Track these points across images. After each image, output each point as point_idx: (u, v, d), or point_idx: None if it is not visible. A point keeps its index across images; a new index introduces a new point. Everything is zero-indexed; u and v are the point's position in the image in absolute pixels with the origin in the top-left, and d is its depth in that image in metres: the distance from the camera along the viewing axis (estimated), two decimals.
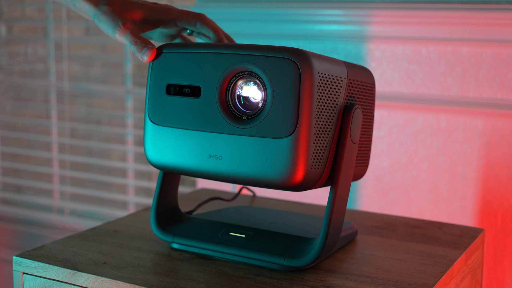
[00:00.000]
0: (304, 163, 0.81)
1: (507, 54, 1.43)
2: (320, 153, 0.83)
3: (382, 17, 1.51)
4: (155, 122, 0.89)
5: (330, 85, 0.84)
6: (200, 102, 0.86)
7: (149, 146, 0.90)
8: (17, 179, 2.30)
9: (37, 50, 2.31)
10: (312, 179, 0.82)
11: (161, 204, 0.96)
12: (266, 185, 0.83)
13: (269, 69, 0.82)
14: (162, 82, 0.89)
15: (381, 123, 1.56)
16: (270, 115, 0.82)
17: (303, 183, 0.81)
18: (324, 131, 0.83)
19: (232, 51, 0.85)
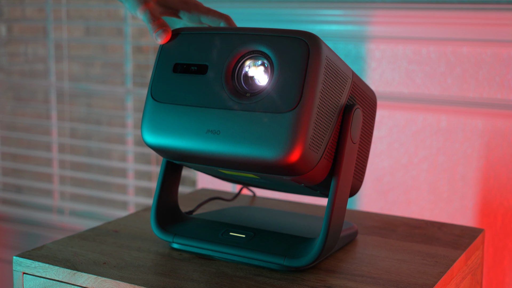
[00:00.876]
0: (303, 140, 0.79)
1: (507, 54, 1.43)
2: (319, 136, 0.81)
3: (382, 17, 1.51)
4: (157, 99, 0.88)
5: (335, 76, 0.84)
6: (205, 79, 0.85)
7: (147, 124, 0.88)
8: (17, 179, 2.30)
9: (37, 50, 2.31)
10: (309, 162, 0.80)
11: (161, 204, 0.96)
12: (262, 164, 0.80)
13: (279, 48, 0.82)
14: (170, 61, 0.89)
15: (381, 123, 1.56)
16: (273, 92, 0.81)
17: (299, 162, 0.79)
18: (325, 116, 0.82)
19: (242, 32, 0.85)
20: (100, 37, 2.20)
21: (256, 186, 1.02)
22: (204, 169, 0.92)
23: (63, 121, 2.20)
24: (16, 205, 2.29)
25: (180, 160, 0.88)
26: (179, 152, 0.86)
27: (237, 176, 0.91)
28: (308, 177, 0.83)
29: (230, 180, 1.00)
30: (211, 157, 0.83)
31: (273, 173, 0.82)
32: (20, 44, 2.35)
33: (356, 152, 0.89)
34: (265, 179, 0.88)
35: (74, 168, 2.24)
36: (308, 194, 0.97)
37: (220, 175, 0.94)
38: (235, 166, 0.83)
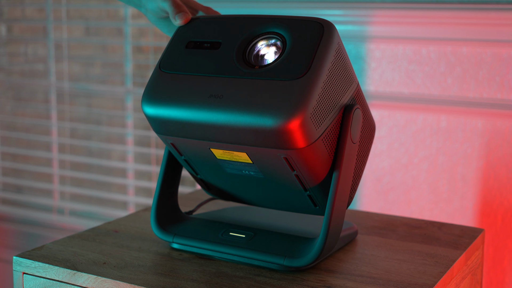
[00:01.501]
0: (305, 108, 0.78)
1: (507, 54, 1.43)
2: (321, 113, 0.81)
3: (382, 17, 1.51)
4: (163, 70, 0.88)
5: (343, 67, 0.85)
6: (217, 53, 0.86)
7: (148, 92, 0.86)
8: (17, 179, 2.30)
9: (37, 50, 2.31)
10: (308, 134, 0.79)
11: (161, 204, 0.96)
12: (261, 132, 0.79)
13: (293, 29, 0.84)
14: (184, 39, 0.90)
15: (381, 123, 1.56)
16: (282, 64, 0.82)
17: (298, 131, 0.78)
18: (329, 97, 0.82)
19: (259, 16, 0.88)
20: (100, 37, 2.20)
21: (250, 203, 1.00)
22: (195, 155, 0.90)
23: (63, 121, 2.20)
24: (16, 205, 2.29)
25: (175, 132, 0.86)
26: (177, 120, 0.84)
27: (227, 168, 0.89)
28: (306, 146, 0.81)
29: (218, 194, 1.00)
30: (209, 125, 0.82)
31: (271, 144, 0.80)
32: (20, 44, 2.35)
33: (356, 152, 0.89)
34: (259, 174, 0.87)
35: (74, 168, 2.24)
36: (306, 209, 0.94)
37: (208, 167, 0.92)
38: (233, 136, 0.81)
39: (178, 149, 0.91)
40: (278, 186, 0.90)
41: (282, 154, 0.81)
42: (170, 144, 0.90)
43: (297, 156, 0.81)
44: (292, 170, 0.84)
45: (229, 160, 0.87)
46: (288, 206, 0.95)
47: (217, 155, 0.87)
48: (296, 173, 0.84)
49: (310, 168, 0.83)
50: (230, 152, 0.85)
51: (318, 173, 0.85)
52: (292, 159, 0.82)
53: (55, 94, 2.19)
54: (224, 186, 0.95)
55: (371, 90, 1.56)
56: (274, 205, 0.96)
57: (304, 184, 0.87)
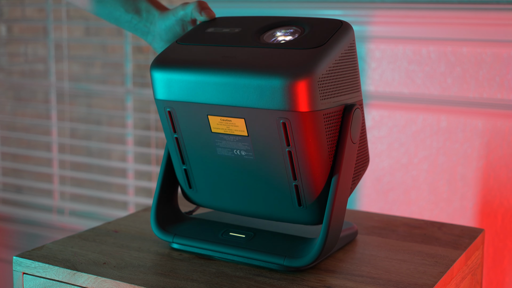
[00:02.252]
0: (314, 71, 0.80)
1: (507, 54, 1.43)
2: (327, 88, 0.83)
3: (382, 17, 1.51)
4: (180, 42, 0.91)
5: (352, 69, 0.88)
6: (235, 33, 0.89)
7: (160, 56, 0.89)
8: (17, 179, 2.30)
9: (37, 50, 2.31)
10: (312, 100, 0.80)
11: (161, 204, 0.96)
12: (269, 88, 0.80)
13: (313, 23, 0.88)
14: (204, 28, 0.94)
15: (381, 123, 1.56)
16: (298, 40, 0.85)
17: (304, 92, 0.79)
18: (336, 79, 0.84)
19: (286, 16, 0.92)
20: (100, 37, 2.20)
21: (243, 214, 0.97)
22: (189, 129, 0.89)
23: (63, 121, 2.20)
24: (16, 205, 2.29)
25: (179, 94, 0.86)
26: (185, 78, 0.85)
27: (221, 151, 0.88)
28: (311, 110, 0.81)
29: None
30: (217, 83, 0.83)
31: (274, 105, 0.80)
32: (20, 44, 2.35)
33: (356, 152, 0.89)
34: (250, 155, 0.86)
35: (74, 168, 2.24)
36: (287, 210, 0.90)
37: (199, 146, 0.90)
38: (237, 96, 0.82)
39: (173, 121, 0.89)
40: (266, 174, 0.87)
41: (282, 118, 0.81)
42: (168, 113, 0.89)
43: (296, 122, 0.81)
44: (287, 144, 0.83)
45: (223, 134, 0.86)
46: (270, 207, 0.91)
47: (213, 125, 0.86)
48: (289, 149, 0.83)
49: (304, 145, 0.82)
50: (227, 120, 0.85)
51: (312, 156, 0.83)
52: (291, 126, 0.81)
53: (55, 94, 2.19)
54: (209, 177, 0.92)
55: (371, 90, 1.56)
56: (256, 206, 0.92)
57: (295, 167, 0.84)
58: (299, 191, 0.86)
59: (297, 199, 0.87)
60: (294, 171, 0.85)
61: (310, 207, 0.86)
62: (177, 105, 0.87)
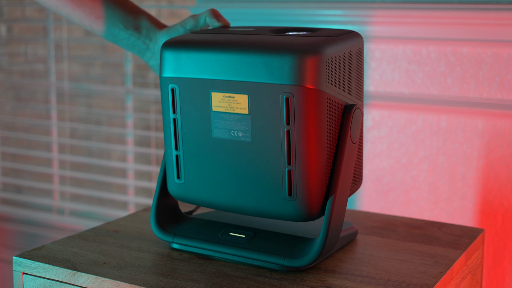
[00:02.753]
0: (324, 51, 0.82)
1: (507, 54, 1.43)
2: (334, 72, 0.85)
3: (382, 17, 1.51)
4: (193, 32, 0.94)
5: (357, 75, 0.91)
6: (249, 31, 0.92)
7: (172, 39, 0.91)
8: (17, 179, 2.30)
9: (37, 50, 2.32)
10: (318, 77, 0.82)
11: (161, 204, 0.96)
12: (278, 62, 0.82)
13: (327, 29, 0.92)
14: (218, 29, 0.96)
15: (381, 123, 1.56)
16: (308, 34, 0.88)
17: (312, 68, 0.81)
18: (343, 71, 0.87)
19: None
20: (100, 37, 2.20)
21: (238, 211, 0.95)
22: (189, 108, 0.89)
23: (63, 121, 2.20)
24: (16, 205, 2.29)
25: (186, 70, 0.88)
26: (195, 53, 0.87)
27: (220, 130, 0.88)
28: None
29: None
30: (225, 57, 0.85)
31: (281, 78, 0.82)
32: (20, 44, 2.35)
33: (356, 152, 0.89)
34: (247, 136, 0.86)
35: (74, 168, 2.24)
36: (276, 200, 0.88)
37: (195, 129, 0.90)
38: (244, 70, 0.84)
39: (175, 100, 0.90)
40: (260, 158, 0.86)
41: (286, 93, 0.82)
42: (171, 91, 0.90)
43: (300, 98, 0.82)
44: (287, 122, 0.83)
45: (223, 113, 0.87)
46: (258, 198, 0.88)
47: (215, 103, 0.87)
48: (289, 128, 0.83)
49: (304, 125, 0.82)
50: (230, 97, 0.86)
51: (309, 137, 0.83)
52: (294, 103, 0.82)
53: (55, 94, 2.19)
54: (200, 164, 0.91)
55: (371, 90, 1.56)
56: (243, 198, 0.89)
57: (292, 149, 0.84)
58: (291, 178, 0.85)
59: (288, 187, 0.85)
60: (289, 153, 0.84)
61: (300, 199, 0.85)
62: (182, 81, 0.88)
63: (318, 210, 0.86)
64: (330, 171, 0.86)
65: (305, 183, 0.84)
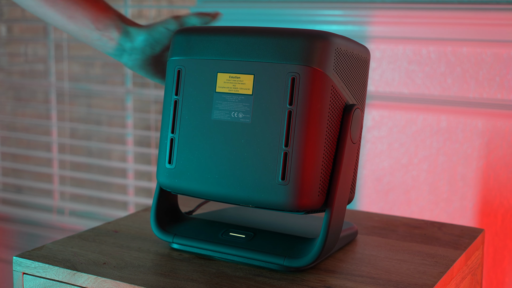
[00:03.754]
0: (333, 39, 0.84)
1: (507, 54, 1.43)
2: (342, 62, 0.86)
3: (382, 17, 1.51)
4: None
5: (362, 81, 0.92)
6: None
7: (185, 27, 0.93)
8: (17, 179, 2.30)
9: (37, 50, 2.32)
10: (325, 60, 0.83)
11: (161, 204, 0.96)
12: (288, 44, 0.84)
13: None
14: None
15: (381, 123, 1.56)
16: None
17: (320, 50, 0.83)
18: (350, 65, 0.88)
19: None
20: None
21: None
22: (193, 89, 0.89)
23: (63, 121, 2.20)
24: (16, 205, 2.29)
25: (196, 51, 0.89)
26: (202, 37, 0.89)
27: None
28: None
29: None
30: (235, 38, 0.87)
31: (289, 58, 0.83)
32: (20, 44, 2.35)
33: (356, 152, 0.89)
34: (247, 117, 0.85)
35: (74, 168, 2.24)
36: (268, 184, 0.85)
37: (195, 111, 0.89)
38: (253, 51, 0.86)
39: (179, 82, 0.90)
40: (258, 139, 0.85)
41: (293, 73, 0.83)
42: (177, 72, 0.90)
43: (306, 79, 0.82)
44: (290, 103, 0.83)
45: (226, 94, 0.87)
46: (249, 183, 0.86)
47: (220, 84, 0.87)
48: (291, 108, 0.83)
49: (306, 106, 0.83)
50: (235, 77, 0.86)
51: (310, 119, 0.83)
52: (299, 83, 0.83)
53: (55, 94, 2.19)
54: (195, 147, 0.89)
55: (371, 90, 1.56)
56: (233, 184, 0.87)
57: (291, 130, 0.83)
58: (286, 161, 0.83)
59: (282, 171, 0.83)
60: (288, 135, 0.83)
61: (292, 184, 0.83)
62: (189, 63, 0.89)
63: (310, 200, 0.84)
64: (326, 160, 0.84)
65: (299, 167, 0.83)
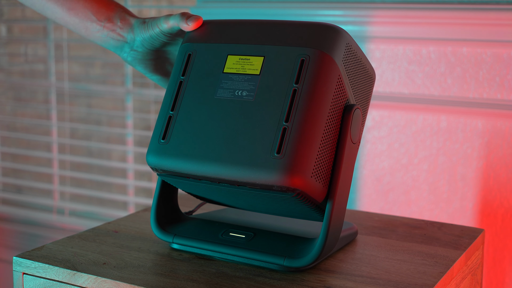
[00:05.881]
0: (344, 37, 0.86)
1: (507, 54, 1.43)
2: (349, 62, 0.88)
3: (382, 17, 1.51)
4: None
5: (365, 85, 0.92)
6: None
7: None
8: (17, 179, 2.30)
9: (37, 50, 2.32)
10: (335, 47, 0.85)
11: (161, 204, 0.96)
12: (302, 30, 0.86)
13: None
14: None
15: (381, 123, 1.56)
16: None
17: (333, 40, 0.85)
18: (354, 69, 0.89)
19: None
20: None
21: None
22: (201, 69, 0.89)
23: (63, 122, 2.20)
24: (16, 205, 2.29)
25: (208, 37, 0.90)
26: (217, 25, 0.91)
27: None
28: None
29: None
30: (246, 26, 0.89)
31: (301, 43, 0.85)
32: (20, 44, 2.35)
33: (356, 152, 0.89)
34: (250, 96, 0.85)
35: (74, 168, 2.24)
36: (265, 158, 0.83)
37: (199, 89, 0.88)
38: (267, 36, 0.88)
39: (188, 63, 0.90)
40: (258, 115, 0.84)
41: (303, 55, 0.85)
42: (187, 55, 0.90)
43: (315, 61, 0.84)
44: (296, 81, 0.84)
45: (233, 74, 0.88)
46: (243, 158, 0.84)
47: (228, 65, 0.88)
48: (296, 87, 0.83)
49: (312, 86, 0.83)
50: (245, 59, 0.88)
51: (314, 98, 0.83)
52: (307, 64, 0.84)
53: (55, 94, 2.19)
54: (193, 124, 0.87)
55: None
56: (226, 161, 0.84)
57: (294, 107, 0.83)
58: (284, 135, 0.82)
59: (279, 144, 0.82)
60: (290, 111, 0.83)
61: (287, 158, 0.81)
62: (201, 47, 0.91)
63: (303, 179, 0.81)
64: (323, 141, 0.84)
65: (296, 142, 0.81)
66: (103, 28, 0.96)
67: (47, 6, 0.99)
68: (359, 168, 1.59)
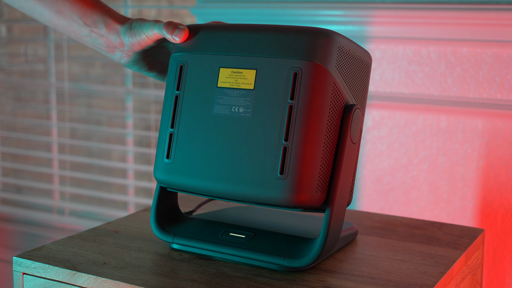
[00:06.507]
0: (337, 37, 0.85)
1: (507, 54, 1.43)
2: (343, 65, 0.87)
3: (382, 17, 1.51)
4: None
5: (360, 81, 0.91)
6: None
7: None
8: (17, 179, 2.30)
9: (37, 50, 2.32)
10: (328, 56, 0.84)
11: (161, 204, 0.96)
12: (292, 39, 0.84)
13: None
14: None
15: (381, 124, 1.56)
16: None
17: (323, 45, 0.84)
18: (348, 70, 0.88)
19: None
20: None
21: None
22: (194, 84, 0.89)
23: (63, 122, 2.20)
24: (16, 205, 2.29)
25: (203, 47, 0.90)
26: (207, 34, 0.90)
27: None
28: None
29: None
30: (240, 34, 0.88)
31: (293, 53, 0.84)
32: (20, 44, 2.35)
33: (356, 152, 0.89)
34: (247, 112, 0.85)
35: (74, 168, 2.24)
36: (266, 178, 0.84)
37: (196, 105, 0.88)
38: (256, 46, 0.87)
39: (181, 77, 0.90)
40: (257, 134, 0.85)
41: (295, 68, 0.83)
42: (179, 68, 0.90)
43: (308, 74, 0.83)
44: (291, 97, 0.83)
45: (228, 88, 0.87)
46: (247, 178, 0.85)
47: (221, 79, 0.87)
48: (292, 103, 0.83)
49: (308, 101, 0.83)
50: (237, 73, 0.87)
51: (311, 114, 0.83)
52: (301, 78, 0.83)
53: (55, 94, 2.19)
54: (194, 141, 0.88)
55: (371, 90, 1.56)
56: (232, 179, 0.86)
57: (292, 124, 0.83)
58: (285, 155, 0.83)
59: (281, 165, 0.83)
60: (288, 129, 0.83)
61: (291, 178, 0.82)
62: (192, 58, 0.90)
63: (308, 196, 0.83)
64: (325, 157, 0.84)
65: (299, 162, 0.82)
66: (91, 32, 0.94)
67: (35, 8, 0.96)
68: (359, 168, 1.59)
